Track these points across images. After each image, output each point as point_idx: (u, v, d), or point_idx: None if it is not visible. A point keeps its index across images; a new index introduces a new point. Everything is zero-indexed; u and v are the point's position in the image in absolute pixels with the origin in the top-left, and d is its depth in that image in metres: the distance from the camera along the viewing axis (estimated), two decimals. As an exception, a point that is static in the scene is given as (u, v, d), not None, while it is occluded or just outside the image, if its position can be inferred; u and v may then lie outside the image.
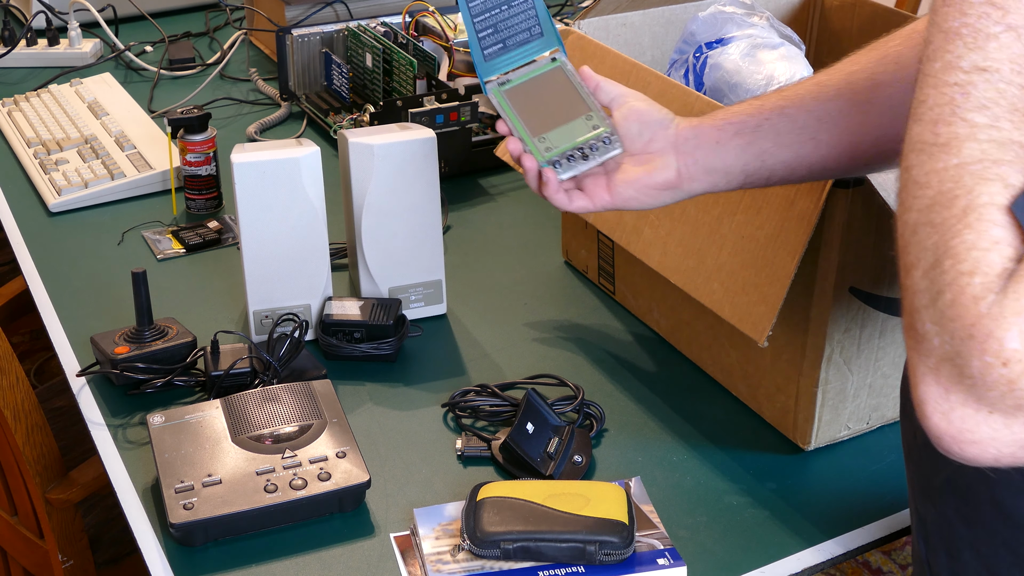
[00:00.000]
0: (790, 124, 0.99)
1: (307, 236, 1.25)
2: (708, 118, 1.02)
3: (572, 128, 1.02)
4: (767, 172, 1.00)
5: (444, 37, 1.80)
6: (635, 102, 1.03)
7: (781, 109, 1.00)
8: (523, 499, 0.99)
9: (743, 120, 1.01)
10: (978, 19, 0.65)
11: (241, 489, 1.02)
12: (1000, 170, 0.62)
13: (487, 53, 1.04)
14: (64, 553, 1.46)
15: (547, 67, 1.06)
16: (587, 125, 1.02)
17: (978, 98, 0.64)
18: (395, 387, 1.24)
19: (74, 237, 1.56)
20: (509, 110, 1.03)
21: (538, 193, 1.03)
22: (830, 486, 1.09)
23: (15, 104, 1.93)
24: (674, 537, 1.01)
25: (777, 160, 1.00)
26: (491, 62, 1.05)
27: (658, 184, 1.01)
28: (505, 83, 1.05)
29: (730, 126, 1.01)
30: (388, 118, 1.58)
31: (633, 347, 1.30)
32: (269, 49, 2.17)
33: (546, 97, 1.04)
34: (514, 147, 1.03)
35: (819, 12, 1.55)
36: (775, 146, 0.99)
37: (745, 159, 1.00)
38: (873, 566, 2.22)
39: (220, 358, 1.21)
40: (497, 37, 1.05)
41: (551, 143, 1.02)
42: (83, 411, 1.20)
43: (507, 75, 1.05)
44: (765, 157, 0.99)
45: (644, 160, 1.02)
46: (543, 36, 1.06)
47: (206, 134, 1.58)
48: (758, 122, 1.00)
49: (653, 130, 1.02)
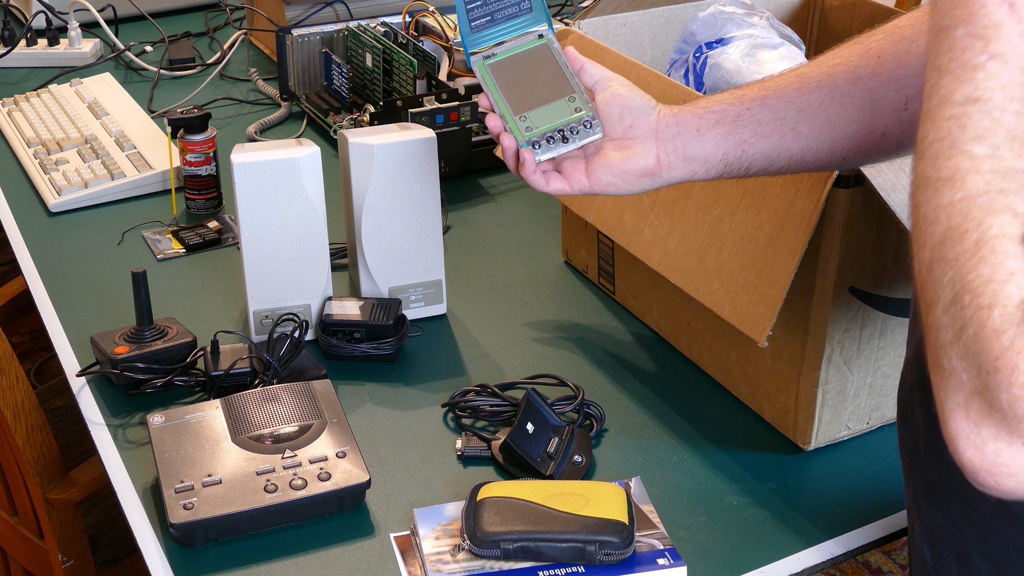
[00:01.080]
0: (771, 115, 1.00)
1: (307, 236, 1.25)
2: (690, 106, 1.02)
3: (554, 109, 1.02)
4: (746, 162, 1.00)
5: (444, 37, 1.80)
6: (618, 87, 1.03)
7: (762, 99, 1.00)
8: (523, 499, 0.99)
9: (724, 109, 1.01)
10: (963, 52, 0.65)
11: (241, 489, 1.02)
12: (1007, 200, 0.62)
13: (474, 24, 1.04)
14: (64, 553, 1.46)
15: (533, 43, 1.05)
16: (569, 107, 1.02)
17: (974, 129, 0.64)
18: (395, 387, 1.24)
19: (74, 237, 1.56)
20: (492, 85, 1.03)
21: (515, 173, 1.04)
22: (830, 486, 1.09)
23: (15, 104, 1.93)
24: (674, 537, 1.01)
25: (757, 150, 1.00)
26: (477, 34, 1.05)
27: (637, 170, 1.01)
28: (490, 56, 1.04)
29: (711, 115, 1.01)
30: (388, 118, 1.58)
31: (633, 347, 1.30)
32: (269, 49, 2.17)
33: (530, 74, 1.04)
34: (494, 124, 1.03)
35: (819, 12, 1.55)
36: (755, 136, 0.99)
37: (725, 148, 1.00)
38: (873, 566, 2.22)
39: (220, 358, 1.21)
40: (486, 9, 1.04)
41: (532, 123, 1.01)
42: (83, 411, 1.20)
43: (492, 49, 1.05)
44: (745, 147, 1.00)
45: (624, 145, 1.02)
46: (532, 12, 1.06)
47: (206, 134, 1.58)
48: (739, 112, 1.00)
49: (635, 115, 1.02)
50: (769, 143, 1.00)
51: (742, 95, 1.01)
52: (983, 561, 0.82)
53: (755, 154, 1.00)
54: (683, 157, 1.01)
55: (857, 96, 0.98)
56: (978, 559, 0.83)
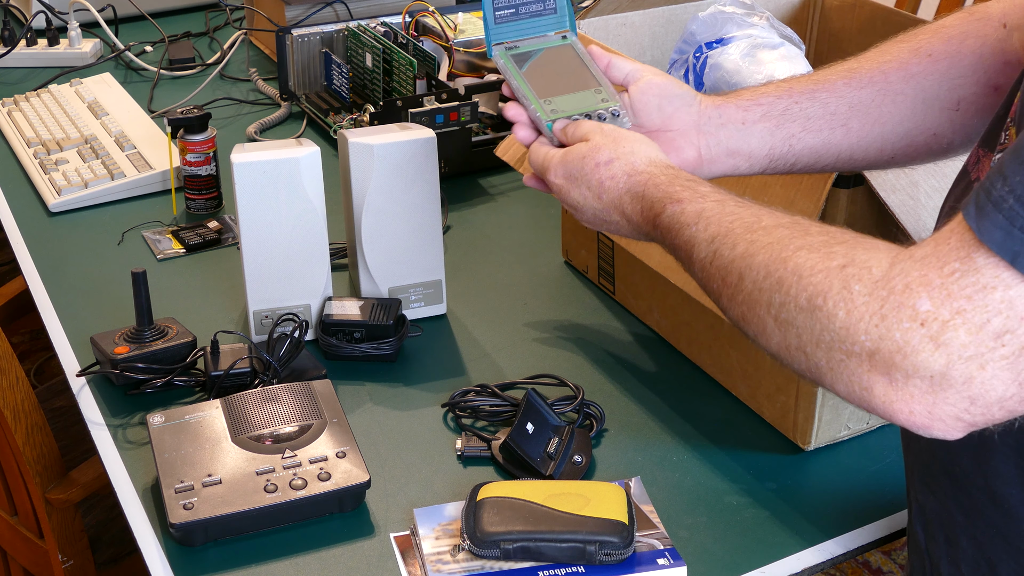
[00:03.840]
0: (821, 109, 0.98)
1: (307, 236, 1.25)
2: (733, 97, 1.00)
3: (580, 97, 0.99)
4: (793, 157, 0.98)
5: (444, 37, 1.80)
6: (652, 76, 1.00)
7: (812, 93, 0.98)
8: (523, 499, 0.98)
9: (771, 102, 0.98)
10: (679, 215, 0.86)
11: (241, 489, 1.02)
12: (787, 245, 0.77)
13: (499, 15, 1.02)
14: (64, 553, 1.46)
15: (557, 43, 1.03)
16: (596, 97, 0.99)
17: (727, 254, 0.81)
18: (395, 387, 1.24)
19: (74, 237, 1.56)
20: (515, 72, 1.00)
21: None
22: (830, 486, 1.09)
23: (15, 104, 1.93)
24: (674, 537, 1.01)
25: (804, 145, 0.98)
26: (500, 25, 1.02)
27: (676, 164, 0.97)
28: (513, 48, 1.02)
29: (757, 107, 0.98)
30: (388, 118, 1.58)
31: (633, 347, 1.30)
32: (269, 49, 2.17)
33: (555, 68, 1.01)
34: (514, 113, 1.00)
35: (819, 12, 1.55)
36: (804, 131, 0.97)
37: (771, 143, 0.98)
38: (873, 566, 2.22)
39: (220, 358, 1.21)
40: (512, 1, 1.03)
41: (557, 106, 0.99)
42: (83, 411, 1.20)
43: (515, 43, 1.03)
44: (792, 142, 0.98)
45: (664, 140, 0.99)
46: (556, 13, 1.04)
47: (206, 134, 1.58)
48: (787, 105, 0.98)
49: (675, 106, 0.99)
50: (818, 138, 0.98)
51: (790, 88, 0.99)
52: (969, 544, 0.83)
53: (802, 149, 0.98)
54: (726, 151, 0.98)
55: (909, 94, 0.97)
56: (965, 541, 0.83)
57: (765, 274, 0.77)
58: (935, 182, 1.00)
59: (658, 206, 0.89)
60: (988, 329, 0.65)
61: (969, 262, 0.66)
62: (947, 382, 0.67)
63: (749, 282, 0.78)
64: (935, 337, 0.66)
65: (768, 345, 0.78)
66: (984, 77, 0.95)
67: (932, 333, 0.66)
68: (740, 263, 0.79)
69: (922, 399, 0.68)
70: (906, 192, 0.99)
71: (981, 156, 0.80)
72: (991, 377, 0.66)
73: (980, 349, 0.66)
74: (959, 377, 0.66)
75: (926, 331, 0.67)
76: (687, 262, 0.87)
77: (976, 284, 0.66)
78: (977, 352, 0.66)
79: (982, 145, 0.81)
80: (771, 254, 0.77)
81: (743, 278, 0.79)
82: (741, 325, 0.80)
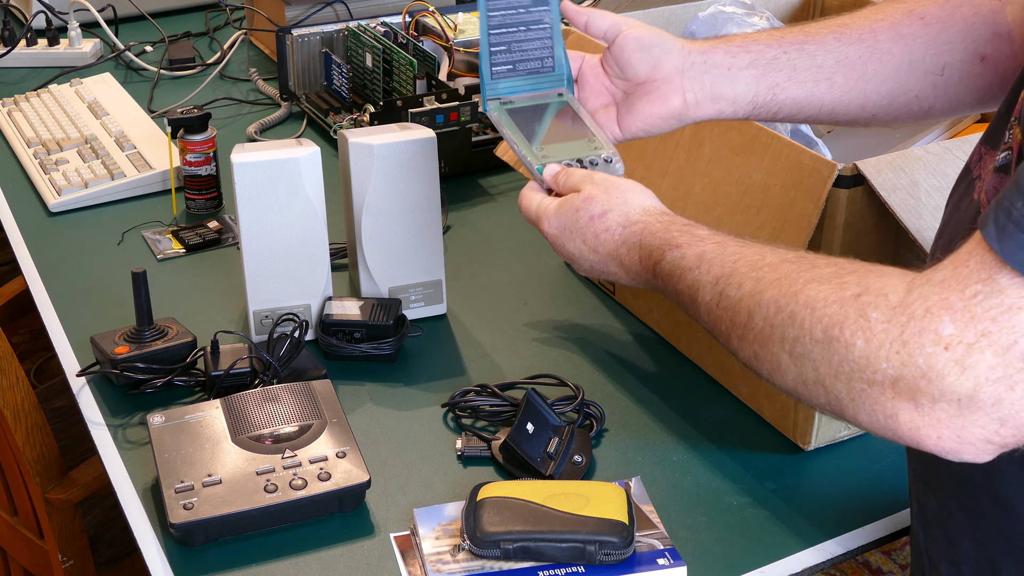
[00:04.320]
0: (808, 61, 0.99)
1: (307, 236, 1.25)
2: (722, 43, 1.01)
3: (573, 145, 1.00)
4: (776, 106, 0.99)
5: (444, 37, 1.80)
6: (631, 30, 1.01)
7: (801, 44, 0.99)
8: (523, 499, 0.98)
9: (760, 50, 1.00)
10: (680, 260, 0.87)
11: (241, 489, 1.02)
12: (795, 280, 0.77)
13: (495, 70, 1.03)
14: (64, 553, 1.46)
15: (553, 100, 1.04)
16: (589, 145, 1.00)
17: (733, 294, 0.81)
18: (395, 387, 1.24)
19: (74, 237, 1.56)
20: (509, 122, 1.02)
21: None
22: (830, 486, 1.09)
23: (15, 104, 1.93)
24: (674, 537, 1.01)
25: (788, 95, 0.99)
26: (497, 81, 1.03)
27: (664, 114, 1.00)
28: (508, 103, 1.03)
29: (745, 54, 1.00)
30: (388, 118, 1.58)
31: (633, 347, 1.30)
32: (269, 49, 2.17)
33: (550, 122, 1.02)
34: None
35: (819, 12, 1.55)
36: (788, 81, 0.99)
37: (756, 90, 0.99)
38: (873, 566, 2.22)
39: (220, 358, 1.21)
40: (509, 57, 1.03)
41: (549, 152, 1.00)
42: (83, 411, 1.20)
43: (511, 98, 1.04)
44: (776, 91, 0.99)
45: (649, 89, 1.00)
46: (554, 72, 1.04)
47: (206, 134, 1.58)
48: (775, 54, 0.99)
49: (656, 55, 1.00)
50: (802, 90, 0.99)
51: (781, 38, 1.00)
52: (971, 544, 0.83)
53: (786, 99, 0.99)
54: (710, 96, 1.00)
55: (896, 54, 0.98)
56: (966, 542, 0.83)
57: (776, 310, 0.76)
58: (935, 181, 1.01)
59: (657, 253, 0.89)
60: (1016, 350, 0.65)
61: (992, 283, 0.66)
62: (975, 405, 0.66)
63: (759, 319, 0.77)
64: (960, 360, 0.66)
65: (784, 382, 0.77)
66: (972, 46, 0.96)
67: (957, 357, 0.66)
68: (748, 301, 0.79)
69: (950, 423, 0.68)
70: (906, 192, 0.99)
71: (983, 154, 0.80)
72: (1021, 397, 0.66)
73: (1008, 370, 0.65)
74: (988, 399, 0.66)
75: (951, 355, 0.66)
76: (691, 307, 0.86)
77: (1001, 305, 0.65)
78: (1005, 373, 0.65)
79: (984, 143, 0.81)
80: (780, 289, 0.77)
81: (752, 316, 0.78)
82: (754, 365, 0.80)
